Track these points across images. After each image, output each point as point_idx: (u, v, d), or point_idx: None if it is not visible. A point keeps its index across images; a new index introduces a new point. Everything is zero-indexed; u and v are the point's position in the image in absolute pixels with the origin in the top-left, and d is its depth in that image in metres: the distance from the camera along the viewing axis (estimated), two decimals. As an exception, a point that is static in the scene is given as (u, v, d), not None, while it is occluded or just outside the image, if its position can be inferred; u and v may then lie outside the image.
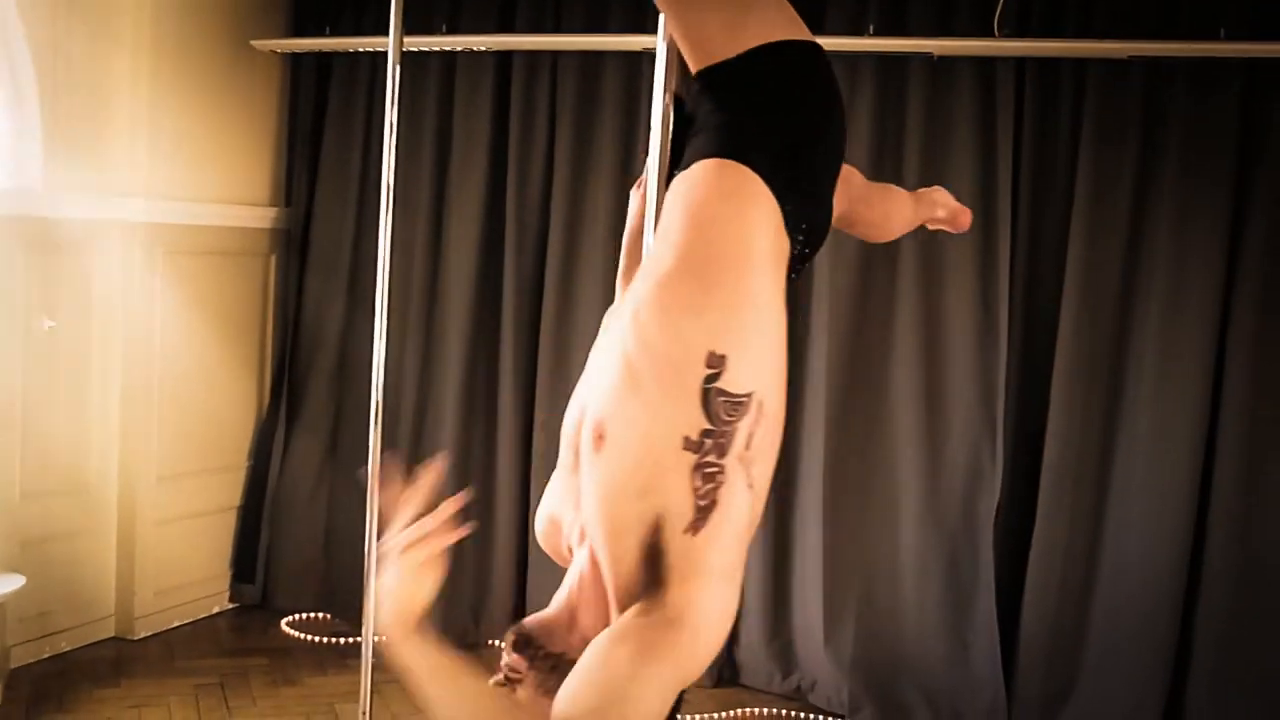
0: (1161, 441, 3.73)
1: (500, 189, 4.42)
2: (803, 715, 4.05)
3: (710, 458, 1.49)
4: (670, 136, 1.81)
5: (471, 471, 4.43)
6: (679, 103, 1.82)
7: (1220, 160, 3.65)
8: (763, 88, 1.65)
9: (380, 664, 2.71)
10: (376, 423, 3.08)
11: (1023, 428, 3.95)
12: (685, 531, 1.48)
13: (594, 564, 1.58)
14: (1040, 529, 3.87)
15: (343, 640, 4.32)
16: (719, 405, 1.50)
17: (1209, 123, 3.66)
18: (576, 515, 1.64)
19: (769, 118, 1.64)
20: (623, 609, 1.52)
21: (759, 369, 1.53)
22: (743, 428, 1.50)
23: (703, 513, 1.49)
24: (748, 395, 1.51)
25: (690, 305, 1.53)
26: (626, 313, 1.58)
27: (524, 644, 1.60)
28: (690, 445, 1.48)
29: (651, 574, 1.49)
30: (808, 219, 1.65)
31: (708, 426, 1.49)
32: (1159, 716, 3.71)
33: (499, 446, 4.45)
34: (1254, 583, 3.67)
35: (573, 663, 1.49)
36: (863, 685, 4.04)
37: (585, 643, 1.50)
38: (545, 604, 4.58)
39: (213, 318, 4.44)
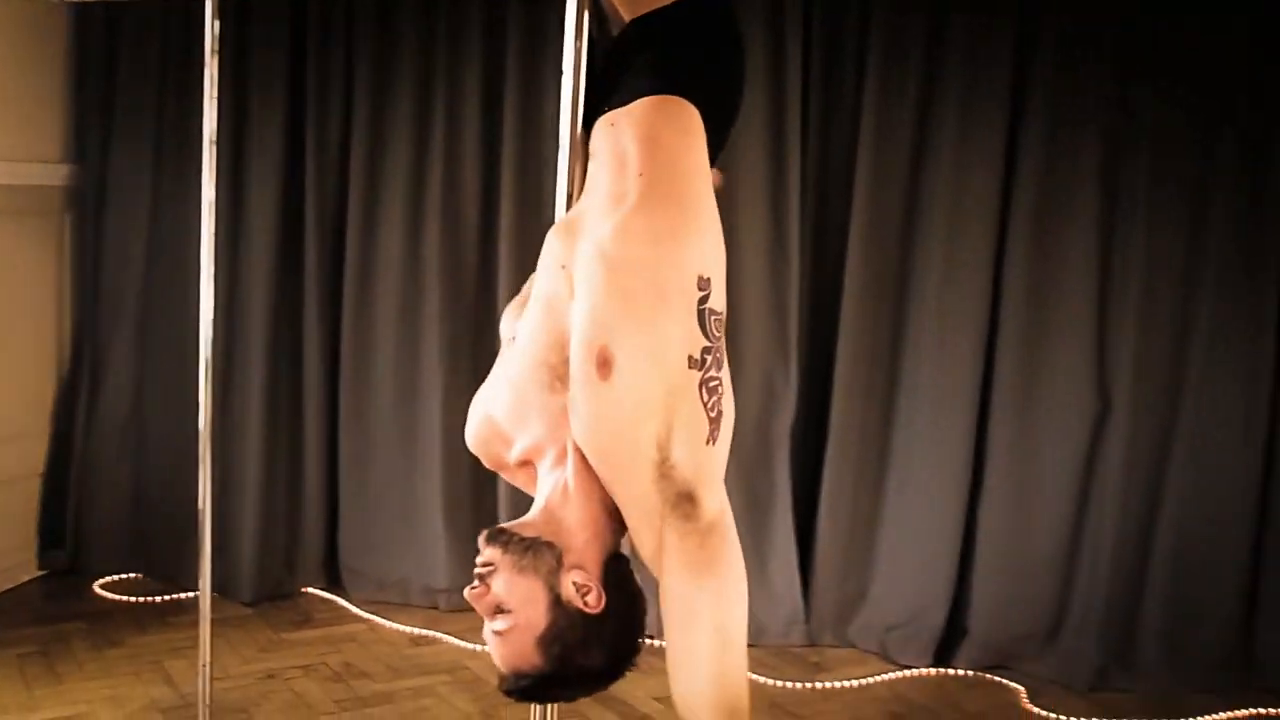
0: (945, 350, 3.96)
1: (300, 129, 4.39)
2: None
3: (711, 372, 1.65)
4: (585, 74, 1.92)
5: (279, 420, 4.46)
6: (592, 43, 1.95)
7: (998, 75, 3.87)
8: (694, 33, 1.84)
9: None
10: (207, 380, 3.11)
11: (816, 346, 4.13)
12: (706, 443, 1.65)
13: (581, 475, 1.71)
14: (833, 445, 4.07)
15: (160, 598, 4.32)
16: (711, 323, 1.66)
17: (988, 40, 3.87)
18: (546, 433, 1.76)
19: (700, 60, 1.83)
20: (639, 526, 1.67)
21: (723, 288, 1.71)
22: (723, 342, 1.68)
23: (714, 424, 1.66)
24: (724, 312, 1.70)
25: (675, 231, 1.68)
26: (601, 237, 1.68)
27: (496, 535, 1.72)
28: (694, 363, 1.63)
29: (669, 490, 1.63)
30: (721, 152, 1.85)
31: (706, 344, 1.64)
32: (945, 615, 3.98)
33: (305, 394, 4.48)
34: (1029, 479, 3.94)
35: (549, 545, 1.67)
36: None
37: (569, 537, 1.68)
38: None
39: (2, 282, 4.30)
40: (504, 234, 4.24)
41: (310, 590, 4.48)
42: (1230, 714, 3.64)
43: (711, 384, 1.65)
